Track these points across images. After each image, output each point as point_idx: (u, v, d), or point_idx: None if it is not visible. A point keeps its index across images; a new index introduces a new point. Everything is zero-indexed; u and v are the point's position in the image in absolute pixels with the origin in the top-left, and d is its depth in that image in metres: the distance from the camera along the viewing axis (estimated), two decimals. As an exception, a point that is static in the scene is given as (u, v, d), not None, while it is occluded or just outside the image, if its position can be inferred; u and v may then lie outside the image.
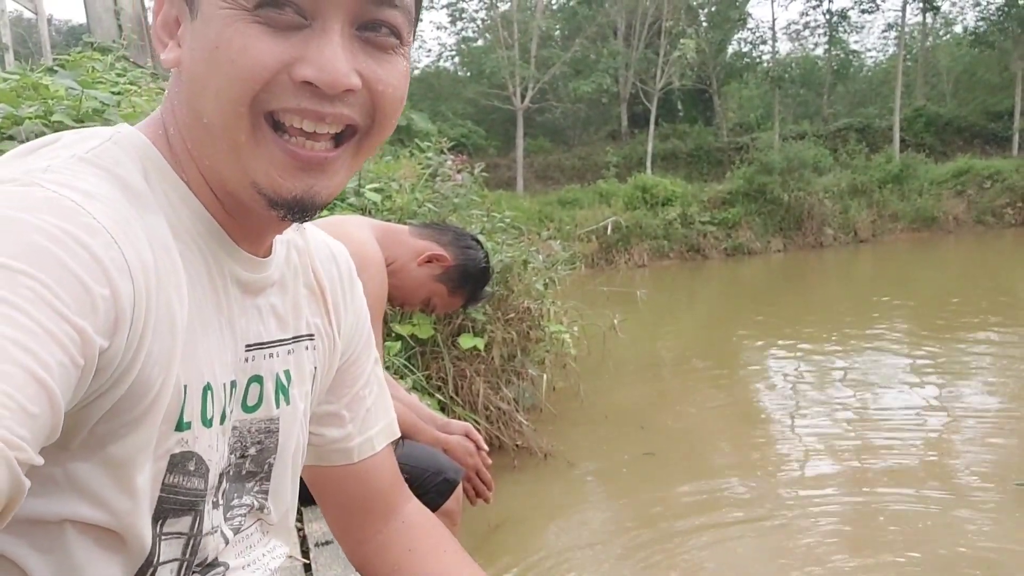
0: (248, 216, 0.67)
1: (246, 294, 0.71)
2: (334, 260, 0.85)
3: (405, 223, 2.06)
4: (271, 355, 0.75)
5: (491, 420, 4.05)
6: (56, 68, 3.99)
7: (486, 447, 1.93)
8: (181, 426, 0.64)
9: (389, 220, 3.83)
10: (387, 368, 3.51)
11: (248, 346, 0.72)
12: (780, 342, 7.22)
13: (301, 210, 0.62)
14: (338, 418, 0.88)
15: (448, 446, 1.85)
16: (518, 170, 22.87)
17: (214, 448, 0.68)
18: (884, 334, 7.36)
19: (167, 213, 0.63)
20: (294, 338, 0.78)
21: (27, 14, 7.30)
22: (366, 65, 0.61)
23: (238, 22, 0.58)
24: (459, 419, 3.83)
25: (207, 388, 0.66)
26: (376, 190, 3.96)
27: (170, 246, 0.61)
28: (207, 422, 0.66)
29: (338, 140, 0.62)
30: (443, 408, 3.75)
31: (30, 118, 2.47)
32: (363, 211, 3.86)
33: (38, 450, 0.46)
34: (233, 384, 0.71)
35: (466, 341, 3.90)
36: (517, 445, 4.11)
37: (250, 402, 0.74)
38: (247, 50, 0.58)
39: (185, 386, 0.63)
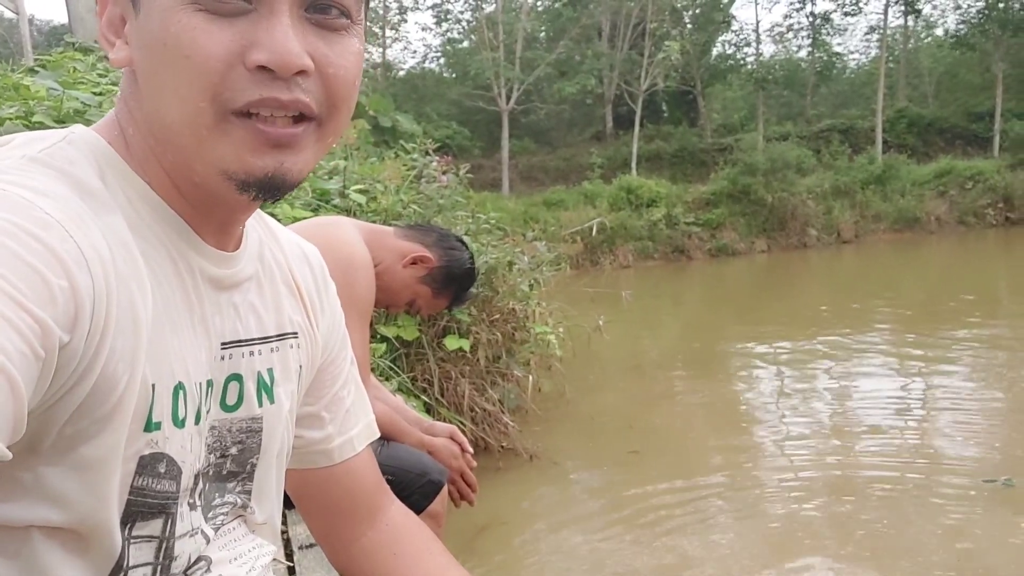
0: (214, 208, 0.66)
1: (219, 290, 0.70)
2: (307, 260, 0.85)
3: (390, 224, 2.05)
4: (251, 353, 0.74)
5: (476, 422, 4.05)
6: (37, 68, 3.96)
7: (471, 449, 1.93)
8: (150, 426, 0.62)
9: (374, 221, 3.82)
10: (373, 370, 3.51)
11: (224, 344, 0.71)
12: (764, 342, 7.27)
13: (273, 188, 0.61)
14: (318, 419, 0.87)
15: (433, 448, 1.85)
16: (503, 171, 22.88)
17: (187, 449, 0.67)
18: (867, 333, 7.42)
19: (125, 211, 0.62)
20: (279, 336, 0.77)
21: (8, 14, 7.24)
22: (316, 47, 0.60)
23: (181, 13, 0.57)
24: (444, 421, 3.84)
25: (178, 387, 0.64)
26: (361, 191, 3.95)
27: (129, 243, 0.60)
28: (179, 422, 0.65)
29: (296, 120, 0.61)
30: (428, 410, 3.74)
31: (10, 119, 2.45)
32: (348, 212, 3.85)
33: (5, 441, 0.45)
34: (209, 383, 0.69)
35: (451, 342, 3.90)
36: (502, 447, 4.11)
37: (229, 401, 0.72)
38: (196, 42, 0.56)
39: (153, 385, 0.61)
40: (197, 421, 0.67)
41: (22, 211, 0.52)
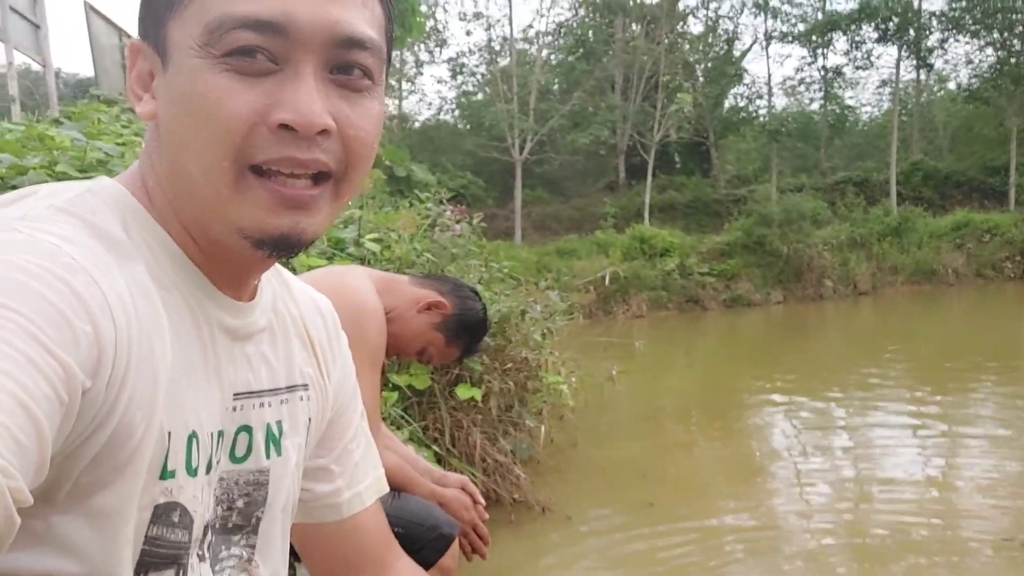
0: (231, 262, 0.67)
1: (234, 341, 0.71)
2: (319, 312, 0.85)
3: (404, 273, 2.07)
4: (261, 404, 0.74)
5: (488, 472, 4.00)
6: (62, 120, 4.05)
7: (483, 501, 1.90)
8: (165, 474, 0.62)
9: (388, 270, 3.85)
10: (384, 419, 3.48)
11: (236, 395, 0.71)
12: (781, 393, 7.18)
13: (288, 247, 0.62)
14: (327, 472, 0.86)
15: (444, 499, 1.82)
16: (516, 220, 23.03)
17: (199, 499, 0.67)
18: (886, 386, 7.32)
19: (147, 261, 0.63)
20: (288, 387, 0.77)
21: (35, 66, 7.44)
22: (339, 108, 0.61)
23: (209, 72, 0.58)
24: (456, 471, 3.79)
25: (192, 436, 0.65)
26: (375, 240, 3.98)
27: (150, 292, 0.61)
28: (192, 471, 0.65)
29: (315, 180, 0.62)
30: (439, 460, 3.71)
31: (34, 168, 2.50)
32: (362, 261, 3.88)
33: (28, 485, 0.45)
34: (220, 433, 0.69)
35: (463, 391, 3.87)
36: (514, 499, 4.05)
37: (238, 452, 0.72)
38: (222, 103, 0.58)
39: (169, 433, 0.62)
40: (208, 471, 0.68)
41: (50, 256, 0.53)
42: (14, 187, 2.37)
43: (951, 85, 30.41)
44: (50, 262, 0.53)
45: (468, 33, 33.05)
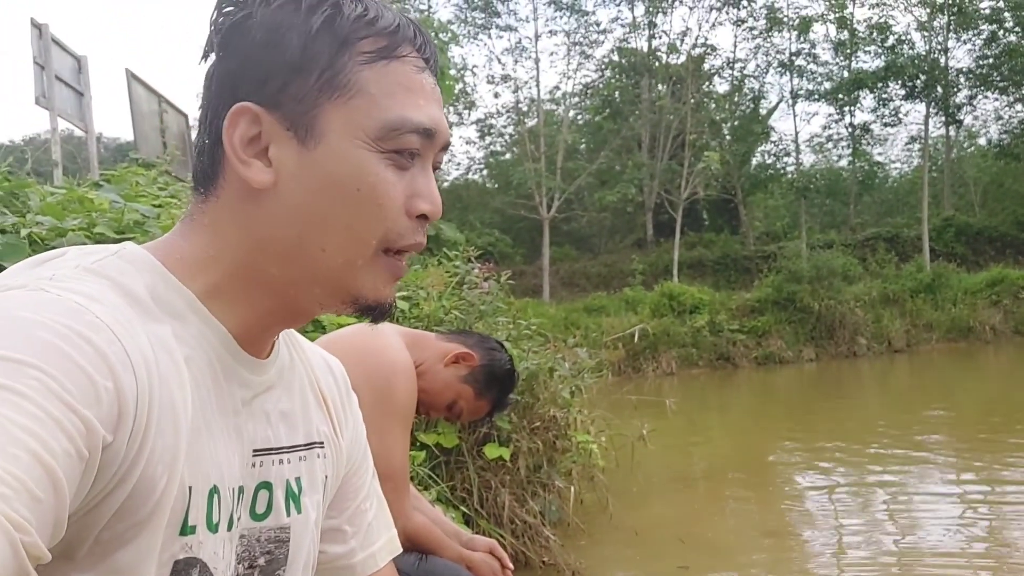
0: (275, 320, 0.71)
1: (254, 397, 0.72)
2: (331, 371, 0.86)
3: (432, 330, 2.07)
4: (281, 461, 0.74)
5: (516, 535, 3.92)
6: (102, 183, 4.17)
7: (511, 565, 1.86)
8: (185, 530, 0.62)
9: (416, 327, 3.86)
10: (412, 479, 3.45)
11: (256, 451, 0.71)
12: (817, 453, 7.01)
13: (387, 313, 0.71)
14: (340, 533, 0.86)
15: (472, 563, 1.79)
16: (544, 278, 23.10)
17: (220, 556, 0.66)
18: (924, 447, 7.12)
19: (172, 320, 0.64)
20: (306, 445, 0.77)
21: (77, 132, 7.70)
22: None
23: (378, 165, 0.65)
24: (484, 533, 3.73)
25: (213, 491, 0.65)
26: (404, 298, 4.00)
27: (173, 349, 0.62)
28: (213, 527, 0.65)
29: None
30: (467, 521, 3.65)
31: (73, 230, 2.56)
32: (391, 318, 3.89)
33: (45, 541, 0.45)
34: (241, 489, 0.69)
35: (491, 451, 3.83)
36: (544, 562, 3.96)
37: (259, 509, 0.72)
38: (388, 193, 0.66)
39: (190, 488, 0.62)
40: (229, 527, 0.68)
41: (74, 314, 0.55)
42: (54, 248, 2.43)
43: (981, 141, 30.33)
44: (74, 320, 0.54)
45: (496, 95, 33.65)
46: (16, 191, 2.83)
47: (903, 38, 24.43)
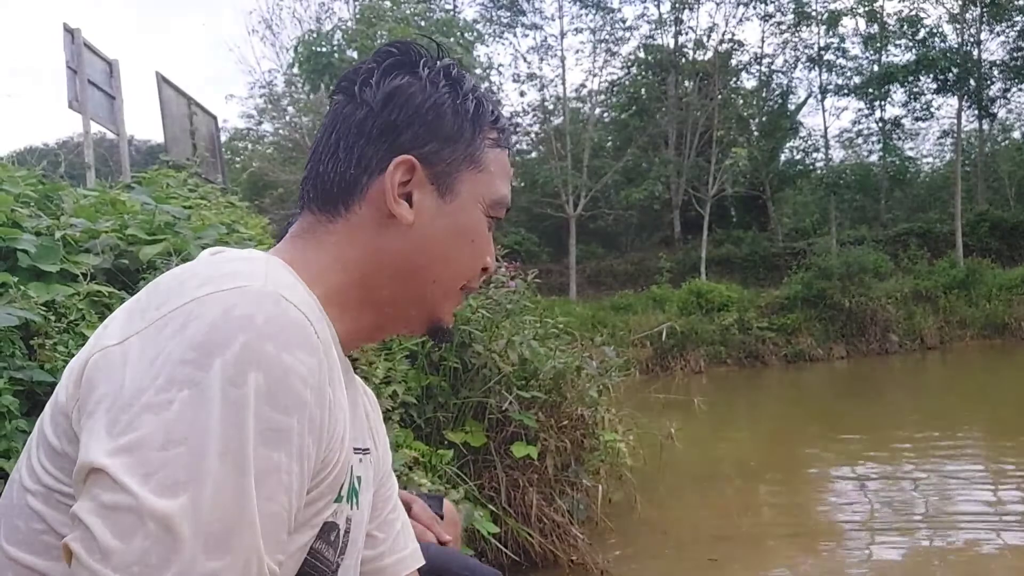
0: (372, 334, 0.85)
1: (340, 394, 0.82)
2: (367, 396, 0.97)
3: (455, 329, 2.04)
4: (360, 459, 0.83)
5: (545, 533, 3.92)
6: (133, 185, 4.22)
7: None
8: (339, 498, 0.75)
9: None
10: (439, 477, 3.45)
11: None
12: (848, 451, 6.92)
13: (449, 337, 0.88)
14: (371, 538, 0.93)
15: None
16: (571, 276, 23.04)
17: (344, 526, 0.78)
18: (959, 445, 7.00)
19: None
20: (363, 449, 0.85)
21: (109, 135, 7.82)
22: None
23: (483, 225, 0.84)
24: (512, 532, 3.73)
25: (352, 467, 0.77)
26: (431, 297, 4.01)
27: (333, 343, 0.74)
28: (349, 499, 0.77)
29: None
30: (495, 519, 3.65)
31: (106, 232, 2.60)
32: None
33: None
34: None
35: (519, 449, 3.83)
36: (572, 560, 3.95)
37: None
38: (487, 249, 0.86)
39: (352, 466, 0.76)
40: (349, 503, 0.79)
41: (301, 338, 0.64)
42: (87, 250, 2.47)
43: (1016, 134, 29.72)
44: (311, 355, 0.64)
45: (522, 94, 33.59)
46: (50, 194, 2.87)
47: (934, 31, 23.99)
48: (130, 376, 0.59)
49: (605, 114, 29.23)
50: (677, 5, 26.09)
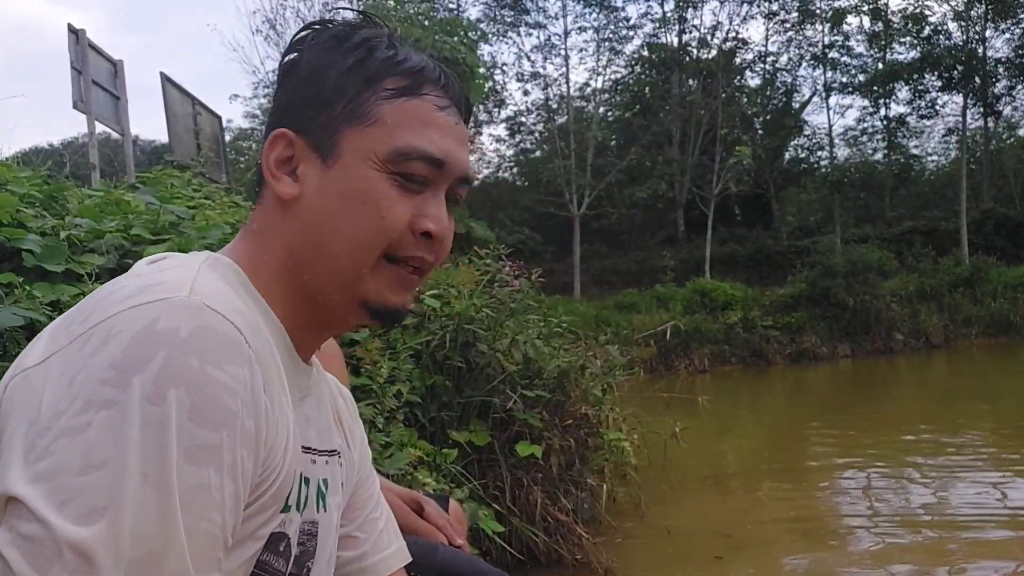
0: (319, 326, 0.79)
1: (298, 399, 0.78)
2: (342, 396, 0.95)
3: (462, 329, 2.05)
4: (313, 461, 0.80)
5: (549, 532, 3.92)
6: (138, 185, 4.23)
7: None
8: (286, 508, 0.71)
9: (447, 327, 3.87)
10: (444, 476, 3.46)
11: (301, 448, 0.77)
12: (853, 450, 6.90)
13: (397, 318, 0.78)
14: (352, 539, 0.93)
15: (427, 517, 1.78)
16: (575, 275, 23.03)
17: (296, 534, 0.74)
18: (964, 444, 6.98)
19: (263, 322, 0.72)
20: (329, 451, 0.84)
21: (114, 135, 7.84)
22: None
23: (382, 184, 0.73)
24: (516, 531, 3.73)
25: (301, 475, 0.74)
26: (435, 296, 4.02)
27: (273, 350, 0.71)
28: (299, 507, 0.74)
29: (416, 271, 0.77)
30: (500, 518, 3.65)
31: (111, 232, 2.60)
32: (423, 316, 3.91)
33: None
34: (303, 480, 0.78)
35: (523, 448, 3.83)
36: (576, 559, 3.95)
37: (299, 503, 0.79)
38: (391, 209, 0.73)
39: (296, 472, 0.72)
40: (299, 510, 0.76)
41: (232, 352, 0.62)
42: (91, 250, 2.47)
43: (1021, 132, 29.61)
44: (240, 366, 0.62)
45: (526, 93, 33.57)
46: (55, 194, 2.88)
47: (939, 28, 23.94)
48: (48, 398, 0.57)
49: (609, 113, 29.22)
50: (681, 3, 26.07)
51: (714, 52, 26.02)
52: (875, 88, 24.61)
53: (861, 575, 3.96)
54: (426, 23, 16.14)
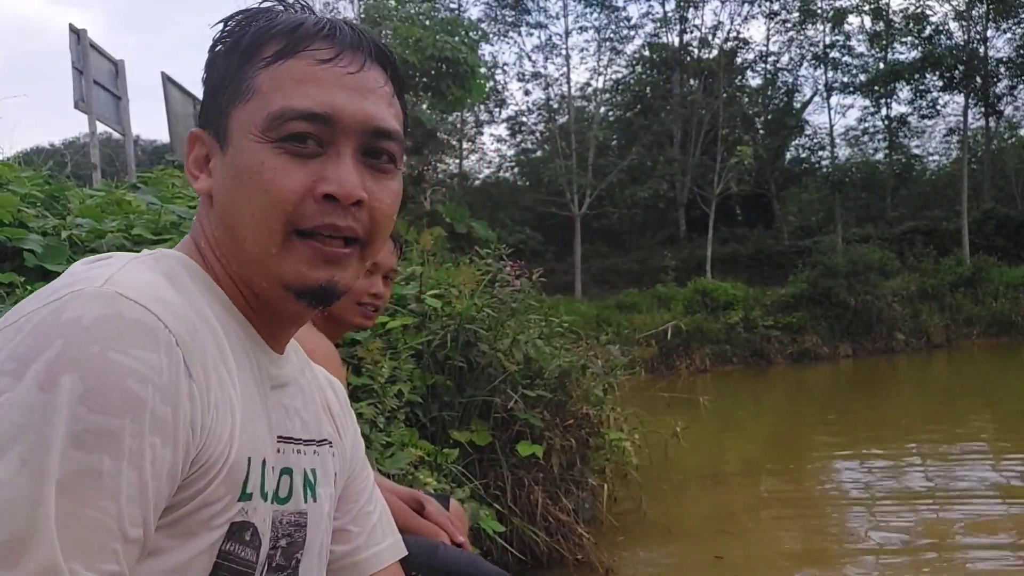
0: (273, 316, 0.77)
1: (273, 389, 0.78)
2: (331, 387, 0.95)
3: (463, 328, 2.05)
4: (298, 451, 0.80)
5: (550, 532, 3.92)
6: (139, 185, 4.23)
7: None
8: (243, 496, 0.69)
9: (448, 326, 3.87)
10: (445, 476, 3.46)
11: (280, 438, 0.77)
12: (854, 451, 6.90)
13: (325, 297, 0.73)
14: (345, 533, 0.92)
15: (429, 517, 1.78)
16: (576, 275, 23.03)
17: (267, 524, 0.72)
18: (965, 444, 6.97)
19: (214, 311, 0.71)
20: (318, 441, 0.84)
21: (115, 135, 7.84)
22: (368, 185, 0.73)
23: (267, 154, 0.69)
24: (517, 530, 3.73)
25: (264, 462, 0.71)
26: (436, 296, 4.02)
27: (220, 336, 0.70)
28: (264, 495, 0.71)
29: (347, 243, 0.73)
30: (501, 518, 3.65)
31: (112, 232, 2.61)
32: (423, 317, 3.91)
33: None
34: (273, 469, 0.75)
35: (524, 448, 3.83)
36: (577, 559, 3.95)
37: (281, 493, 0.76)
38: (278, 179, 0.69)
39: (249, 458, 0.69)
40: (270, 500, 0.73)
41: (147, 340, 0.60)
42: (93, 250, 2.48)
43: (1022, 132, 29.58)
44: (153, 352, 0.60)
45: (527, 93, 33.58)
46: (56, 194, 2.88)
47: (940, 28, 23.93)
48: None
49: (610, 113, 29.21)
50: (682, 3, 26.08)
51: (715, 52, 26.02)
52: (876, 88, 24.60)
53: (862, 574, 3.96)
54: (427, 23, 16.13)
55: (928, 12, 23.88)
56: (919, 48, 23.92)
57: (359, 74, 0.72)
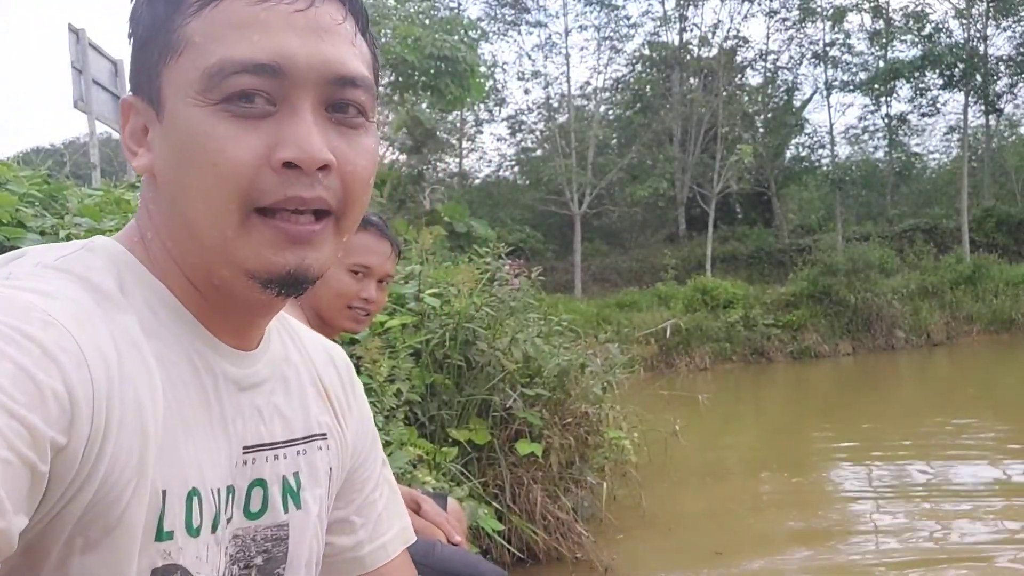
0: (234, 308, 0.66)
1: (241, 391, 0.68)
2: (332, 362, 0.83)
3: (461, 327, 2.05)
4: (275, 457, 0.72)
5: (549, 531, 3.92)
6: (138, 184, 4.24)
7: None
8: (162, 535, 0.59)
9: (447, 325, 3.87)
10: (444, 475, 3.46)
11: (247, 448, 0.69)
12: (854, 448, 6.91)
13: (295, 284, 0.62)
14: (348, 524, 0.84)
15: (425, 517, 1.77)
16: (576, 273, 23.03)
17: (203, 559, 0.63)
18: (965, 441, 6.98)
19: (142, 314, 0.61)
20: (304, 438, 0.75)
21: (115, 135, 7.84)
22: (336, 145, 0.61)
23: (210, 119, 0.58)
24: (516, 529, 3.73)
25: (192, 493, 0.62)
26: (435, 295, 4.02)
27: (141, 345, 0.59)
28: (193, 531, 0.61)
29: (317, 217, 0.62)
30: (500, 517, 3.66)
31: (109, 231, 2.61)
32: (422, 315, 3.92)
33: None
34: (230, 489, 0.67)
35: (523, 447, 3.83)
36: (576, 557, 3.96)
37: (253, 508, 0.70)
38: (225, 150, 0.58)
39: (164, 491, 0.59)
40: (214, 529, 0.64)
41: (22, 313, 0.52)
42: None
43: (1022, 130, 29.58)
44: (20, 320, 0.51)
45: (527, 92, 33.58)
46: (55, 193, 2.89)
47: (940, 26, 23.92)
48: None
49: (610, 111, 29.20)
50: (682, 2, 26.07)
51: (715, 50, 26.00)
52: (876, 86, 24.57)
53: (862, 571, 3.96)
54: (426, 22, 16.13)
55: (928, 10, 24.00)
56: (919, 46, 23.90)
57: (310, 10, 0.60)
